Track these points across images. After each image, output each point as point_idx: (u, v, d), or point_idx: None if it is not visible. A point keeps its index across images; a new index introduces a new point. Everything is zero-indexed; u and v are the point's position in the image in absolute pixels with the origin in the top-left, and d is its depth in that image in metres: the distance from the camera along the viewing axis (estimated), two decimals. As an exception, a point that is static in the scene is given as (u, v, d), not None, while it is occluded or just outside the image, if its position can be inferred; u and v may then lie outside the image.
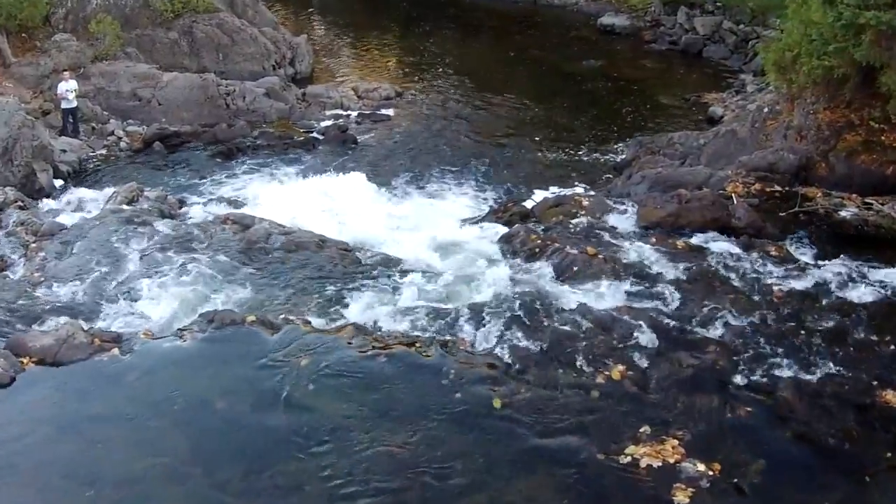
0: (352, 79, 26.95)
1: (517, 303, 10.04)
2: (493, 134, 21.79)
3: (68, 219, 14.37)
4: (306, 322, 9.71)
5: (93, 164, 19.60)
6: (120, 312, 10.54)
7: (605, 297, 10.47)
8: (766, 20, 29.38)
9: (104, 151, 20.36)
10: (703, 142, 18.65)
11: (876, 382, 9.05)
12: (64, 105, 20.18)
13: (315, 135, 21.57)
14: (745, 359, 9.24)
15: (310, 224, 13.99)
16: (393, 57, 29.98)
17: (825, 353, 9.45)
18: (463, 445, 7.89)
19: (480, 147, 20.82)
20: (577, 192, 15.22)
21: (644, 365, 9.04)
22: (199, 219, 13.68)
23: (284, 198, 16.03)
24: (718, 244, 12.13)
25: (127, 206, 13.80)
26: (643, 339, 9.43)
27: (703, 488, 7.45)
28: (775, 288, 10.72)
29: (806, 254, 12.26)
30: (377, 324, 9.90)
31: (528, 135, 21.78)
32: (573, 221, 12.76)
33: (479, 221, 14.24)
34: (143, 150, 20.48)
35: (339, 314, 10.16)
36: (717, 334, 9.71)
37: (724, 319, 9.94)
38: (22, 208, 15.03)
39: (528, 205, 14.77)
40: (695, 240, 12.30)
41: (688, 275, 10.94)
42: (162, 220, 13.19)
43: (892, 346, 9.71)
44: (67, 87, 20.00)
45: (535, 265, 11.34)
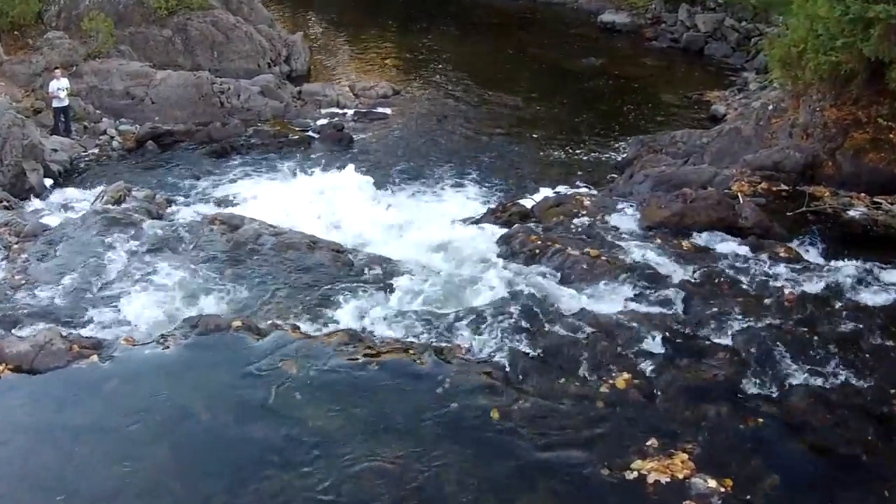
0: (348, 77, 26.80)
1: (516, 307, 9.55)
2: (492, 132, 21.53)
3: (53, 219, 14.00)
4: (295, 327, 9.26)
5: (84, 164, 19.39)
6: (101, 317, 10.08)
7: (608, 300, 10.01)
8: (768, 17, 29.29)
9: (96, 151, 20.16)
10: (706, 140, 18.46)
11: (894, 390, 8.61)
12: (55, 104, 19.95)
13: (310, 133, 21.36)
14: (755, 366, 8.78)
15: (302, 224, 13.65)
16: (390, 55, 29.70)
17: (839, 359, 8.99)
18: (458, 460, 7.44)
19: (479, 146, 20.55)
20: (578, 191, 14.83)
21: (650, 373, 8.57)
22: (187, 219, 13.22)
23: (277, 197, 15.71)
24: (725, 245, 11.70)
25: (113, 207, 13.37)
26: (649, 345, 8.97)
27: (714, 506, 7.03)
28: (785, 291, 10.26)
29: (815, 255, 11.86)
30: (369, 329, 9.43)
31: (527, 133, 21.54)
32: (574, 222, 12.32)
33: (478, 221, 13.81)
34: (135, 149, 20.27)
35: (329, 319, 9.69)
36: (726, 340, 9.25)
37: (733, 324, 9.48)
38: (7, 208, 14.67)
39: (528, 204, 14.37)
40: (700, 240, 11.88)
41: (694, 277, 10.49)
42: (149, 220, 12.74)
43: (910, 352, 9.28)
44: (59, 86, 19.79)
45: (534, 267, 10.87)
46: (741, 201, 13.28)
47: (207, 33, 26.02)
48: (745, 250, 11.48)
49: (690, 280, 10.42)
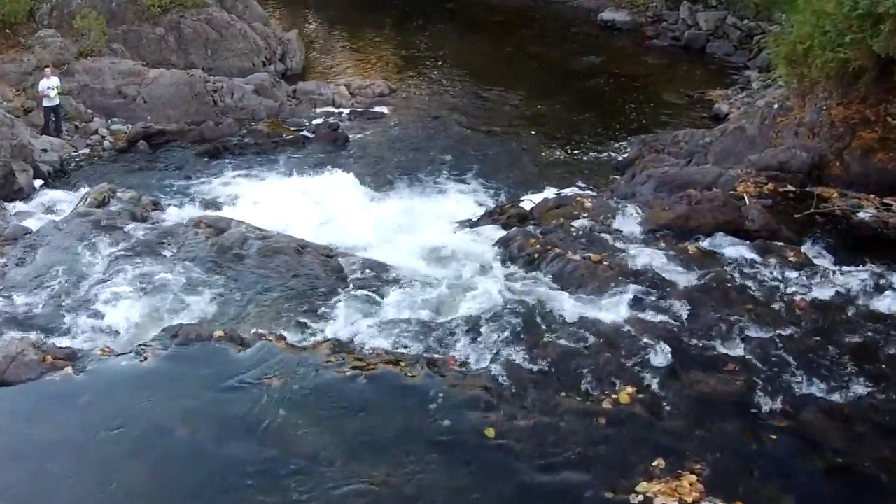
0: (344, 75, 26.39)
1: (514, 315, 9.06)
2: (490, 132, 21.14)
3: (35, 222, 13.60)
4: (280, 337, 8.77)
5: (75, 164, 18.99)
6: (79, 325, 9.64)
7: (610, 308, 9.48)
8: (771, 15, 28.99)
9: (87, 150, 19.77)
10: (710, 140, 18.13)
11: (913, 404, 8.14)
12: (45, 103, 19.57)
13: (305, 133, 20.94)
14: (767, 378, 8.29)
15: (293, 226, 13.25)
16: (387, 53, 29.30)
17: (856, 371, 8.51)
18: (451, 480, 6.97)
19: (477, 145, 20.13)
20: (579, 192, 14.32)
21: (656, 386, 8.07)
22: (172, 222, 12.76)
23: (268, 199, 15.28)
24: (732, 249, 11.20)
25: (97, 209, 12.88)
26: (654, 356, 8.46)
27: (725, 532, 6.56)
28: (797, 297, 9.78)
29: (825, 259, 11.36)
30: (358, 339, 8.93)
31: (526, 133, 21.12)
32: (575, 224, 11.81)
33: (475, 224, 13.35)
34: (127, 149, 19.88)
35: (316, 328, 9.20)
36: (735, 350, 8.75)
37: (742, 333, 8.99)
38: (-9, 210, 14.24)
39: (527, 206, 13.88)
40: (706, 244, 11.38)
41: (701, 283, 9.98)
42: (132, 223, 12.27)
43: (929, 363, 8.80)
44: (49, 84, 19.43)
45: (533, 273, 10.37)
46: (747, 203, 12.83)
47: (201, 31, 25.71)
48: (752, 254, 10.98)
49: (697, 286, 9.91)
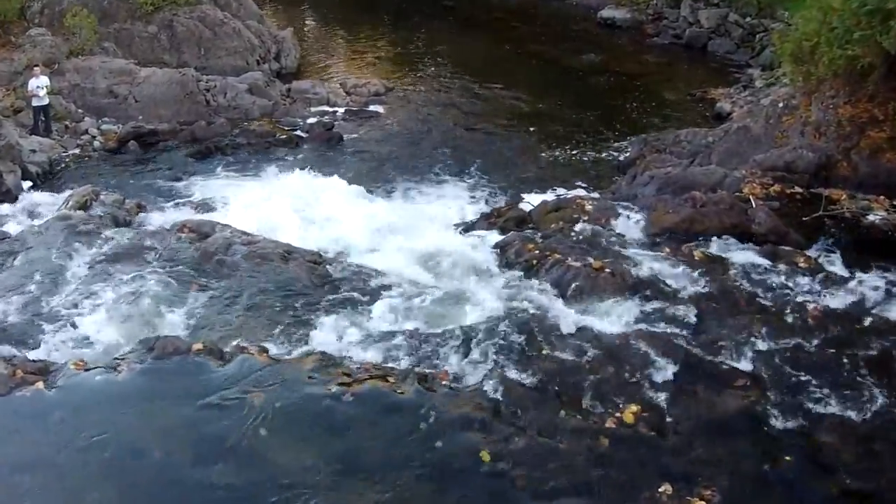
0: (340, 74, 26.09)
1: (510, 326, 8.55)
2: (488, 131, 20.76)
3: (16, 226, 13.10)
4: (262, 350, 8.25)
5: (64, 165, 18.57)
6: (53, 336, 9.14)
7: (613, 319, 8.98)
8: (773, 12, 28.74)
9: (77, 151, 19.37)
10: (712, 139, 17.77)
11: (935, 422, 7.66)
12: (35, 102, 19.20)
13: (299, 133, 20.55)
14: (779, 394, 7.80)
15: (283, 229, 12.78)
16: (384, 51, 28.95)
17: (873, 385, 8.03)
18: (443, 508, 6.49)
19: (474, 145, 19.73)
20: (579, 194, 13.83)
21: (662, 404, 7.57)
22: (155, 226, 12.28)
23: (258, 201, 14.76)
24: (739, 254, 10.71)
25: (78, 213, 12.37)
26: (660, 371, 7.97)
27: (737, 562, 6.08)
28: (809, 306, 9.28)
29: (836, 264, 10.87)
30: (346, 352, 8.41)
31: (524, 132, 20.75)
32: (575, 228, 11.31)
33: (470, 227, 12.88)
34: (117, 149, 19.47)
35: (301, 340, 8.67)
36: (745, 364, 8.24)
37: (753, 345, 8.48)
38: (-28, 214, 13.75)
39: (525, 208, 13.40)
40: (712, 248, 10.89)
41: (708, 291, 9.48)
42: (114, 227, 11.79)
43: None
44: (38, 84, 19.06)
45: (532, 280, 9.85)
46: (753, 205, 12.38)
47: (194, 29, 25.43)
48: (761, 260, 10.50)
49: (703, 294, 9.42)
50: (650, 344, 8.34)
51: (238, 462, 6.98)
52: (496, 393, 7.67)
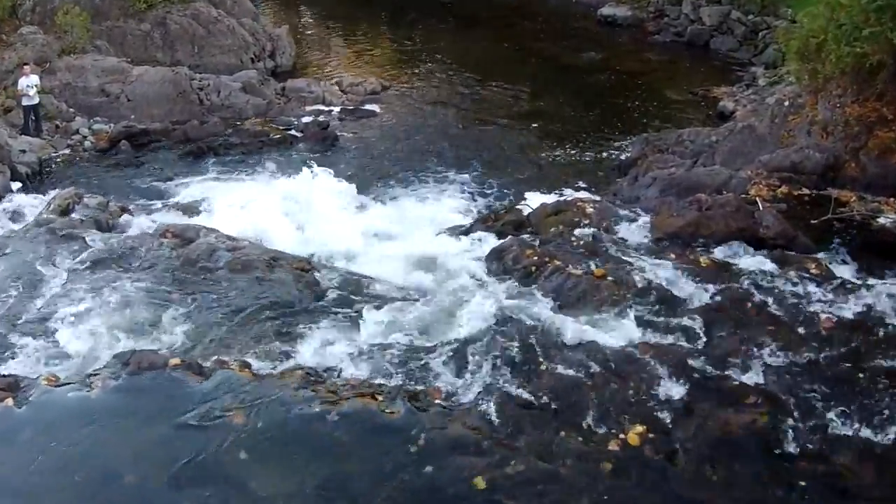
0: (336, 72, 25.71)
1: (507, 339, 8.05)
2: (486, 131, 20.37)
3: (-5, 231, 12.65)
4: (244, 365, 7.77)
5: (54, 165, 18.25)
6: (24, 349, 8.69)
7: (616, 330, 8.45)
8: (776, 10, 28.32)
9: (67, 151, 19.04)
10: (716, 139, 17.34)
11: (959, 442, 7.19)
12: (25, 102, 18.90)
13: (293, 132, 20.15)
14: (793, 413, 7.31)
15: (272, 233, 12.42)
16: (381, 48, 28.55)
17: (892, 402, 7.55)
18: (434, 539, 6.03)
19: (472, 145, 19.32)
20: (580, 196, 13.32)
21: (668, 424, 7.08)
22: (139, 230, 11.82)
23: (248, 203, 14.36)
24: (747, 259, 10.22)
25: (59, 217, 11.92)
26: (666, 387, 7.47)
27: None
28: (822, 316, 8.78)
29: (847, 270, 10.42)
30: (332, 367, 7.93)
31: (523, 132, 20.35)
32: (576, 233, 10.82)
33: (467, 231, 12.36)
34: (108, 149, 19.08)
35: (286, 354, 8.18)
36: (756, 379, 7.74)
37: (763, 359, 7.99)
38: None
39: (524, 211, 12.93)
40: (719, 254, 10.40)
41: (715, 300, 8.98)
42: (95, 232, 11.31)
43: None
44: (28, 83, 18.76)
45: (530, 289, 9.33)
46: (760, 207, 11.90)
47: (187, 27, 25.16)
48: (770, 266, 10.01)
49: (711, 304, 8.91)
50: (655, 358, 7.85)
51: (215, 487, 6.53)
52: (491, 412, 7.18)
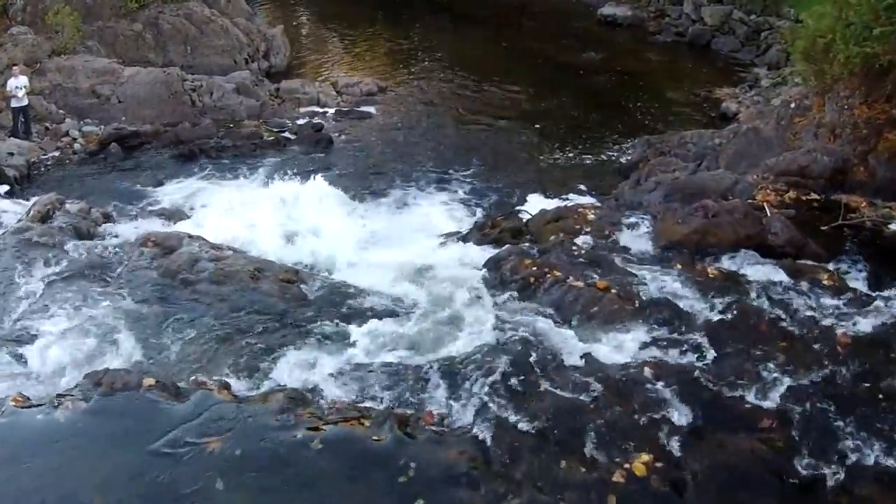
0: (331, 73, 25.36)
1: (504, 356, 7.54)
2: (485, 133, 20.12)
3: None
4: (223, 386, 7.27)
5: (44, 168, 17.92)
6: (-5, 367, 8.20)
7: (620, 347, 7.95)
8: (779, 10, 28.13)
9: (57, 154, 18.76)
10: (719, 141, 17.00)
11: None
12: (14, 103, 18.62)
13: (287, 134, 19.88)
14: (810, 438, 6.81)
15: (261, 240, 11.98)
16: (377, 49, 28.23)
17: (916, 425, 7.08)
18: (424, 581, 5.55)
19: (470, 148, 19.01)
20: (581, 202, 12.89)
21: (676, 451, 6.57)
22: (120, 238, 11.32)
23: (238, 208, 13.91)
24: (756, 269, 9.69)
25: (38, 224, 11.42)
26: (674, 410, 6.96)
27: None
28: (837, 331, 8.28)
29: (861, 280, 9.90)
30: (317, 387, 7.42)
31: (522, 134, 20.09)
32: (577, 241, 10.30)
33: (463, 239, 11.91)
34: (98, 152, 18.82)
35: (268, 373, 7.67)
36: (770, 401, 7.22)
37: (777, 379, 7.47)
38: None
39: (523, 217, 12.49)
40: (727, 263, 9.89)
41: (725, 315, 8.45)
42: (75, 240, 10.82)
43: None
44: (17, 84, 18.47)
45: (528, 301, 8.84)
46: (768, 214, 11.40)
47: (180, 27, 24.94)
48: (780, 276, 9.49)
49: (721, 319, 8.38)
50: (662, 378, 7.35)
51: (189, 520, 6.06)
52: (487, 438, 6.65)
